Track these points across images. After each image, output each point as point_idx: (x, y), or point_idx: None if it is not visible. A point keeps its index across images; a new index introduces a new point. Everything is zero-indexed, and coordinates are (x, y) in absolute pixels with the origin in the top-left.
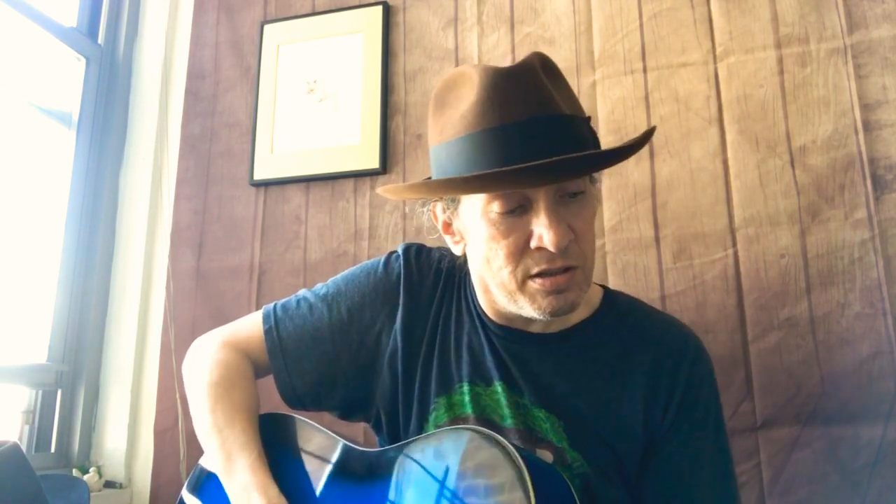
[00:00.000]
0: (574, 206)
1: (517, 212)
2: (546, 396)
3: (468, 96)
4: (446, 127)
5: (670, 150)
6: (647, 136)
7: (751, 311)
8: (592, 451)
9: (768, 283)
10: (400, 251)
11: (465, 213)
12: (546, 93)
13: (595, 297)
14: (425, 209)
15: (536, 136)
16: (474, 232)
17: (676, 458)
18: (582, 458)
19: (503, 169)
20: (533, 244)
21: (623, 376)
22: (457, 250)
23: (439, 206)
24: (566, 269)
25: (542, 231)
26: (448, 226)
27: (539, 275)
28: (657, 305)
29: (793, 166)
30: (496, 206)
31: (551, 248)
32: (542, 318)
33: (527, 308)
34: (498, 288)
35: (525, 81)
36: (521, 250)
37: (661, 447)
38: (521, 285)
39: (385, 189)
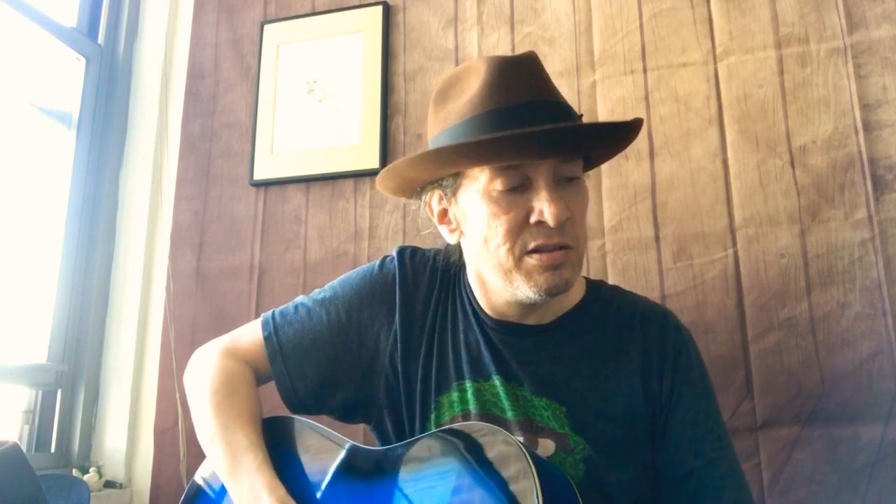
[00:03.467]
0: (570, 189)
1: (518, 190)
2: (547, 384)
3: (474, 84)
4: (451, 114)
5: (670, 150)
6: (640, 121)
7: (751, 311)
8: (596, 432)
9: (768, 283)
10: (394, 253)
11: (465, 196)
12: (546, 81)
13: (580, 286)
14: (421, 200)
15: (540, 116)
16: (473, 214)
17: (688, 420)
18: (585, 441)
19: (515, 132)
20: (532, 219)
21: (618, 354)
22: (451, 239)
23: (435, 197)
24: (561, 246)
25: (543, 205)
26: (444, 214)
27: (536, 250)
28: None
29: (793, 166)
30: (498, 184)
31: (550, 222)
32: (537, 297)
33: (522, 287)
34: (495, 269)
35: (528, 69)
36: (520, 226)
37: (670, 414)
38: (518, 262)
39: (384, 172)
